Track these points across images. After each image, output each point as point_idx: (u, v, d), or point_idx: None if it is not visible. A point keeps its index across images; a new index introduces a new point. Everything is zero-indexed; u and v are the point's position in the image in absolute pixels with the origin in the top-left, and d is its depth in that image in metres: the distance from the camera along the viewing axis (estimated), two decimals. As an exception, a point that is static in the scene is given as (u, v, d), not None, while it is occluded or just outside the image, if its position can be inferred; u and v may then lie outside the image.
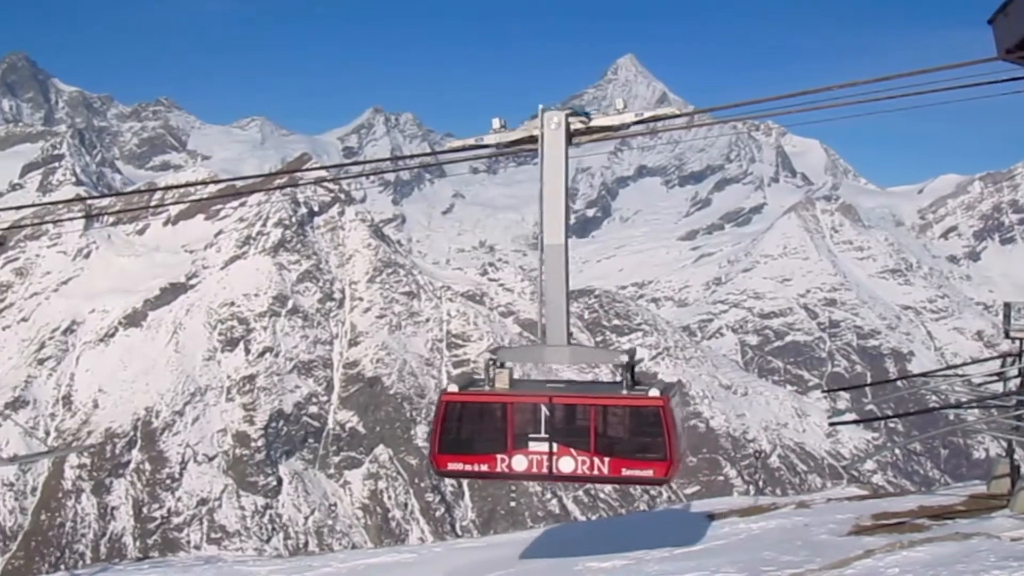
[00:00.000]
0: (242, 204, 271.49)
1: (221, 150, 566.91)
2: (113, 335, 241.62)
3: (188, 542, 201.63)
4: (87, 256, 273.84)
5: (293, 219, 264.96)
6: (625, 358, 24.33)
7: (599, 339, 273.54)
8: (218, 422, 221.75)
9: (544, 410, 24.80)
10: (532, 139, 25.86)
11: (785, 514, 41.10)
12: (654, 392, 23.92)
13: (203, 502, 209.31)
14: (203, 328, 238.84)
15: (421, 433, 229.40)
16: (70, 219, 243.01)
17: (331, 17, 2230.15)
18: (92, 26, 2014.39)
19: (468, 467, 25.39)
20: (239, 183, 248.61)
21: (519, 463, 24.74)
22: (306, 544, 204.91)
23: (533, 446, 24.72)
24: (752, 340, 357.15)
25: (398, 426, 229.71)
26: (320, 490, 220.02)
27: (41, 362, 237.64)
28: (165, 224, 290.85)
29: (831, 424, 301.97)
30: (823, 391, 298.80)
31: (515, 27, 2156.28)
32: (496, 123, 24.25)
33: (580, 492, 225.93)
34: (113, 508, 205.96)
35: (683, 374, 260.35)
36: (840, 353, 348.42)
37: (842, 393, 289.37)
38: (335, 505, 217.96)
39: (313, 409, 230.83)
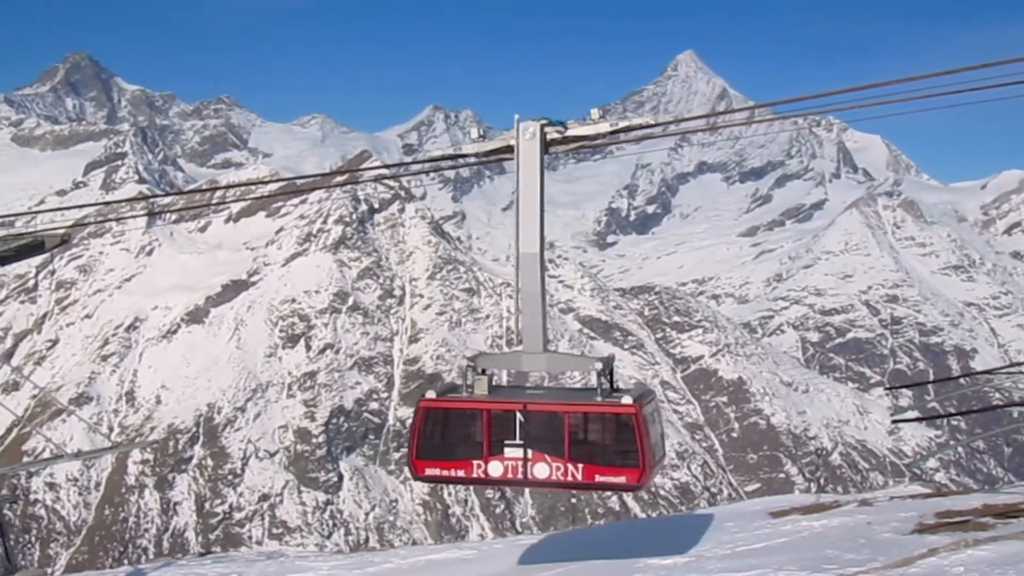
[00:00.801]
0: (303, 201, 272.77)
1: (282, 148, 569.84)
2: (175, 332, 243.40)
3: (250, 538, 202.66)
4: (150, 253, 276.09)
5: (353, 216, 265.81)
6: (599, 365, 25.32)
7: (659, 336, 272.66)
8: (279, 418, 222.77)
9: (519, 417, 25.47)
10: (510, 148, 26.28)
11: (848, 512, 40.60)
12: (627, 399, 24.67)
13: (264, 498, 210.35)
14: (264, 325, 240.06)
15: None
16: (133, 217, 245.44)
17: (391, 14, 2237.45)
18: (154, 25, 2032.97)
19: (445, 472, 26.17)
20: (300, 181, 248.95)
21: (495, 469, 25.43)
22: (366, 540, 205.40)
23: (508, 452, 25.45)
24: (813, 337, 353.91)
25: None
26: (380, 486, 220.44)
27: (105, 358, 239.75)
28: (227, 222, 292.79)
29: (894, 422, 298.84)
30: (885, 388, 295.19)
31: (574, 23, 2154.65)
32: (475, 133, 25.65)
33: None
34: (175, 504, 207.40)
35: (743, 371, 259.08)
36: (902, 350, 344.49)
37: (904, 390, 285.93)
38: (396, 501, 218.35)
39: (373, 405, 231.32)
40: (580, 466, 24.97)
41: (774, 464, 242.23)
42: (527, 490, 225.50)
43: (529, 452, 25.38)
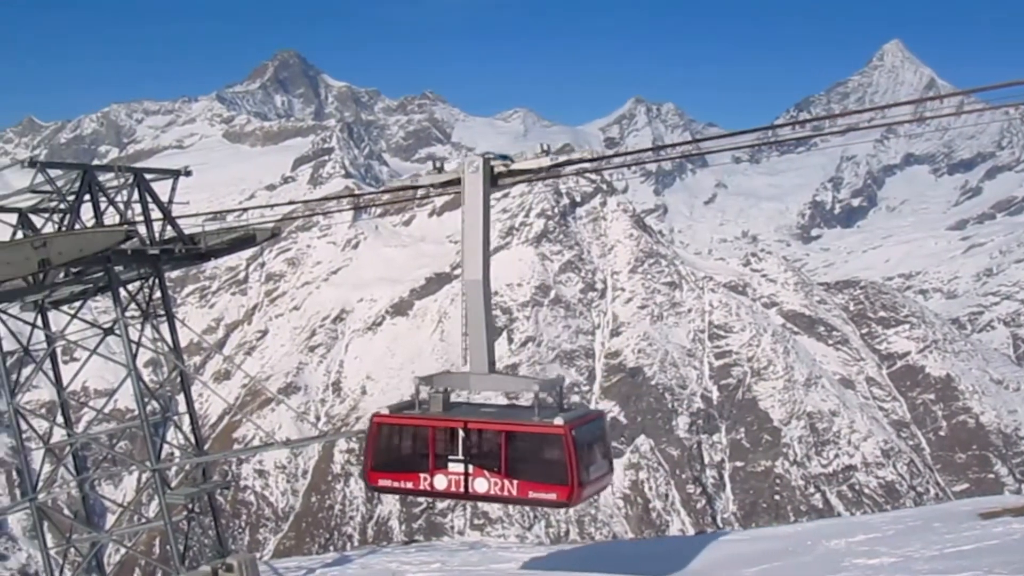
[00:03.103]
0: (505, 195, 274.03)
1: (484, 142, 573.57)
2: (380, 323, 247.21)
3: (452, 527, 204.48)
4: (356, 247, 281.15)
5: (555, 210, 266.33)
6: (536, 387, 27.99)
7: (864, 331, 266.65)
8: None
9: (461, 434, 27.63)
10: (459, 180, 28.90)
11: (1064, 515, 38.95)
12: (558, 420, 26.65)
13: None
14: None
15: (683, 424, 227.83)
16: (339, 211, 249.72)
17: (593, 9, 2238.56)
18: (360, 22, 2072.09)
19: (395, 484, 29.25)
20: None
21: (439, 482, 27.93)
22: (567, 533, 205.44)
23: (451, 467, 27.70)
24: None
25: (659, 416, 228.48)
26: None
27: (312, 349, 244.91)
28: (430, 215, 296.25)
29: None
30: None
31: (778, 14, 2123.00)
32: (429, 166, 29.43)
33: (844, 487, 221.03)
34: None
35: (952, 368, 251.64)
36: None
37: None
38: (596, 495, 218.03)
39: (575, 398, 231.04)
40: (515, 482, 27.04)
41: (983, 464, 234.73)
42: (728, 485, 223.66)
43: (470, 467, 27.44)
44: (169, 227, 35.99)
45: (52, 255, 31.81)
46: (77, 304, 38.51)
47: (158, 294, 37.27)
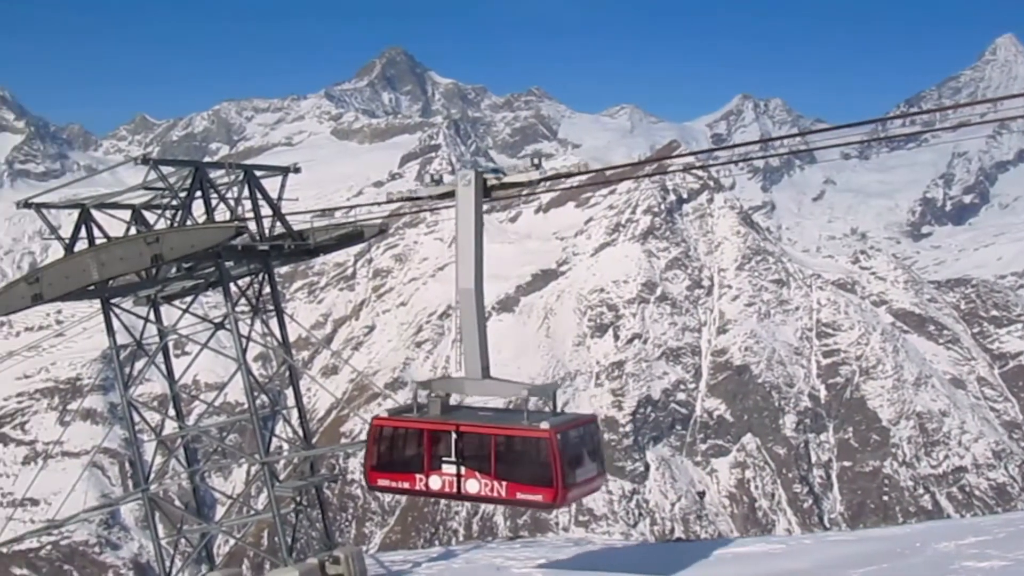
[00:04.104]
0: (612, 191, 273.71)
1: (591, 138, 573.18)
2: (486, 320, 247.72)
3: (556, 524, 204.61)
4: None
5: (662, 206, 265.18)
6: (525, 392, 29.22)
7: (975, 330, 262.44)
8: (587, 407, 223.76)
9: (454, 437, 28.74)
10: (454, 193, 30.78)
11: None
12: (544, 425, 27.57)
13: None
14: (573, 314, 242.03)
15: (789, 423, 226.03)
16: (446, 207, 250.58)
17: (700, 4, 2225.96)
18: (466, 20, 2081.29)
19: (393, 484, 30.49)
20: (608, 171, 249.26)
21: (434, 483, 29.19)
22: (672, 530, 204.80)
23: (445, 468, 28.92)
24: None
25: (766, 415, 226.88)
26: (687, 477, 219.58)
27: (419, 345, 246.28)
28: (536, 212, 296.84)
29: None
30: None
31: (888, 7, 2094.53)
32: (427, 178, 31.73)
33: (954, 489, 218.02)
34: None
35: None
36: None
37: None
38: (702, 493, 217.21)
39: (681, 396, 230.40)
40: (504, 483, 28.19)
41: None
42: (836, 485, 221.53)
43: (462, 469, 28.61)
44: (278, 223, 36.45)
45: (164, 251, 32.42)
46: (189, 299, 39.19)
47: (268, 289, 37.78)
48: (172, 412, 38.97)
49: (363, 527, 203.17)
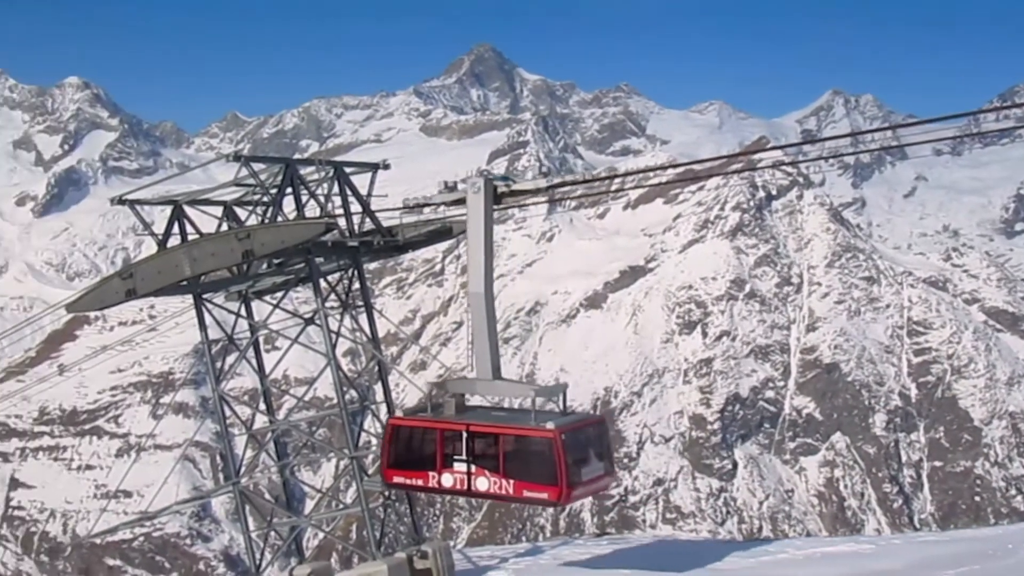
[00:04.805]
0: (700, 188, 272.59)
1: (679, 135, 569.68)
2: (574, 316, 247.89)
3: (643, 521, 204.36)
4: (550, 240, 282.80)
5: (751, 203, 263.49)
6: (533, 393, 30.07)
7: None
8: (675, 404, 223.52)
9: (465, 436, 29.52)
10: (464, 200, 30.53)
11: None
12: (549, 425, 28.57)
13: (659, 482, 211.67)
14: (661, 311, 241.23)
15: (879, 422, 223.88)
16: (534, 204, 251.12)
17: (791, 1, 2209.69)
18: (554, 16, 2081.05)
19: (408, 481, 31.40)
20: (697, 167, 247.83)
21: (446, 480, 30.05)
22: (760, 529, 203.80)
23: (456, 466, 29.73)
24: None
25: (856, 414, 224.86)
26: (775, 475, 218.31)
27: (506, 341, 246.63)
28: (625, 208, 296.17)
29: None
30: None
31: (980, 1, 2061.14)
32: (440, 185, 31.68)
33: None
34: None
35: None
36: None
37: None
38: (791, 491, 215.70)
39: (769, 394, 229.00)
40: (512, 481, 29.03)
41: None
42: (926, 485, 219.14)
43: (472, 467, 29.45)
44: (368, 220, 36.71)
45: (255, 246, 32.83)
46: (279, 294, 39.60)
47: (357, 285, 38.08)
48: (262, 406, 39.41)
49: (450, 522, 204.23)
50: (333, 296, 38.01)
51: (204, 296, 37.00)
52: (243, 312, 38.37)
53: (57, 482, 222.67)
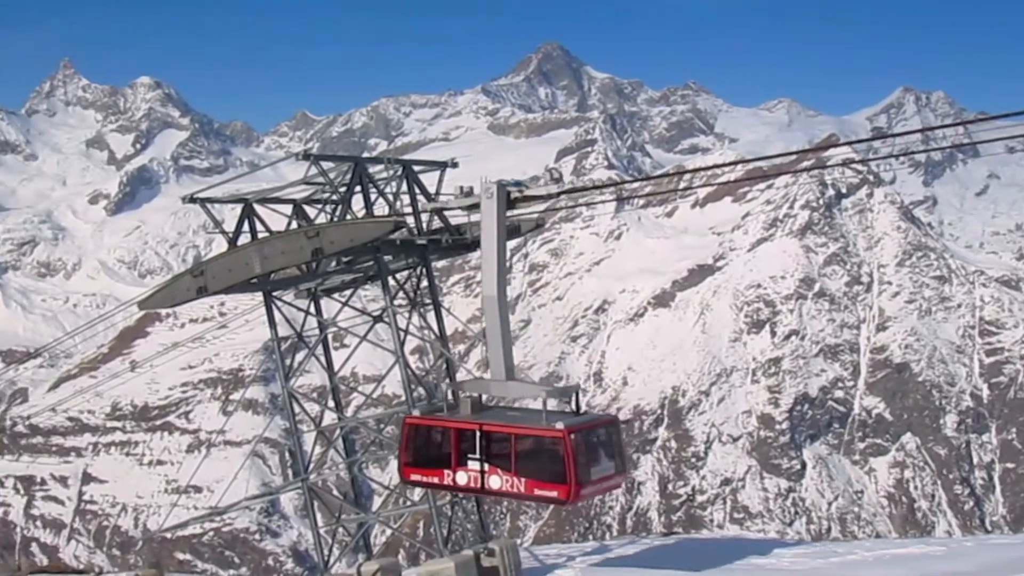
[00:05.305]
0: (769, 186, 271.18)
1: (748, 132, 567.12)
2: (642, 315, 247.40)
3: (711, 520, 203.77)
4: (618, 238, 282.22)
5: (820, 201, 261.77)
6: (544, 394, 30.38)
7: None
8: (743, 403, 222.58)
9: (478, 435, 30.26)
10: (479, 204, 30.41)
11: None
12: (559, 424, 28.97)
13: (727, 482, 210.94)
14: (729, 310, 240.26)
15: (951, 423, 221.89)
16: (602, 202, 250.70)
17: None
18: (622, 14, 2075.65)
19: (424, 478, 32.12)
20: (765, 165, 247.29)
21: (460, 478, 30.76)
22: (828, 530, 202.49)
23: (470, 465, 30.50)
24: None
25: (926, 414, 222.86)
26: (844, 476, 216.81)
27: (574, 339, 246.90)
28: (693, 207, 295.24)
29: None
30: None
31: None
32: (456, 190, 31.88)
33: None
34: (640, 483, 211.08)
35: None
36: None
37: None
38: (860, 492, 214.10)
39: (839, 394, 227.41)
40: (523, 480, 29.72)
41: None
42: (998, 487, 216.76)
43: (486, 466, 30.14)
44: (436, 218, 36.83)
45: (325, 244, 33.11)
46: (348, 292, 39.84)
47: (425, 283, 38.23)
48: (331, 403, 39.68)
49: (518, 520, 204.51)
50: (401, 294, 38.18)
51: (274, 294, 37.30)
52: (312, 310, 38.63)
53: (129, 477, 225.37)
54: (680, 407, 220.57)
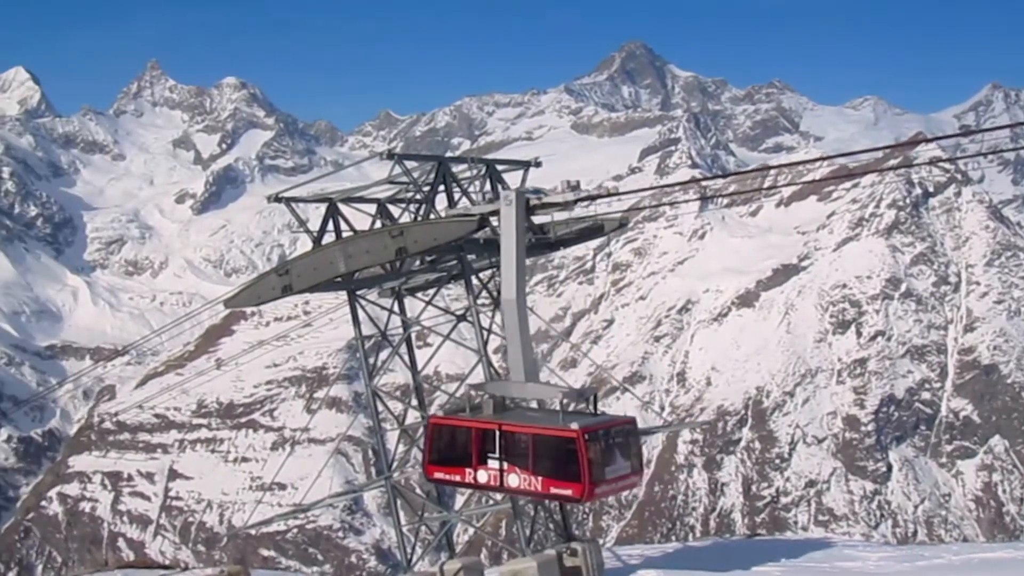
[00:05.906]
0: (855, 185, 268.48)
1: (833, 131, 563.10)
2: (726, 315, 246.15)
3: (795, 522, 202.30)
4: (702, 237, 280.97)
5: (907, 200, 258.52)
6: (559, 394, 31.12)
7: None
8: (828, 404, 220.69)
9: (497, 435, 31.33)
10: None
11: None
12: (573, 425, 29.89)
13: (811, 484, 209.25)
14: (814, 310, 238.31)
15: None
16: (686, 201, 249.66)
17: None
18: (706, 13, 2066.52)
19: (447, 476, 33.26)
20: (851, 164, 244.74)
21: (481, 476, 31.89)
22: (915, 533, 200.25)
23: (490, 463, 31.63)
24: None
25: (1015, 417, 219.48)
26: (931, 479, 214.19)
27: (657, 339, 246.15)
28: (777, 206, 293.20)
29: None
30: None
31: None
32: (478, 198, 33.56)
33: None
34: (723, 484, 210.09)
35: None
36: None
37: None
38: (947, 496, 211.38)
39: (925, 395, 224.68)
40: (539, 478, 30.66)
41: None
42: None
43: (505, 464, 31.15)
44: (520, 217, 36.82)
45: (408, 243, 33.29)
46: (431, 291, 40.00)
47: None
48: (414, 402, 39.82)
49: (600, 520, 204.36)
50: (485, 293, 38.30)
51: (358, 292, 37.51)
52: (396, 308, 38.83)
53: (214, 473, 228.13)
54: (764, 408, 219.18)
